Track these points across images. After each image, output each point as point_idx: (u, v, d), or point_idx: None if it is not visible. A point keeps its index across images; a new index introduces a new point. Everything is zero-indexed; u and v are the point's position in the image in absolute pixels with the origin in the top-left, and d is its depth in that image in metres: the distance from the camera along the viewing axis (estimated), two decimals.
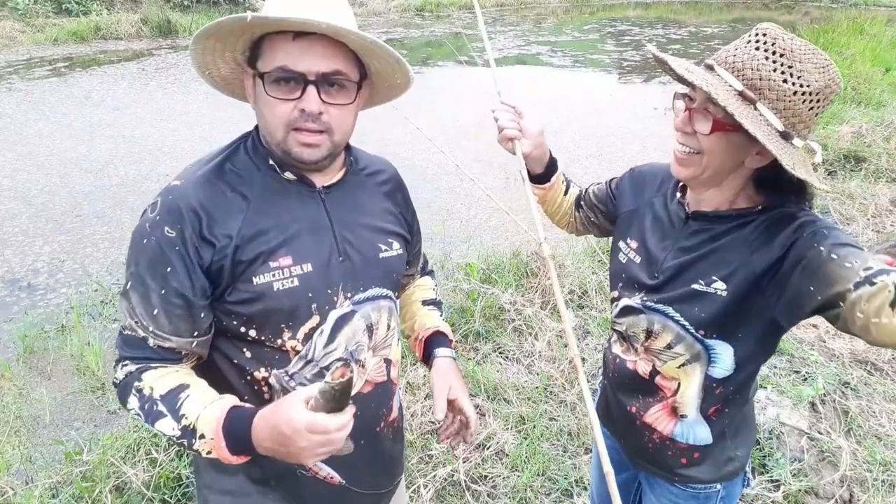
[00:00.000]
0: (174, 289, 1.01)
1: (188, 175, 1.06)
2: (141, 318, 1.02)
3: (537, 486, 2.36)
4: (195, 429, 0.98)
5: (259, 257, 1.04)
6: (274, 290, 1.04)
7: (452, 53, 10.53)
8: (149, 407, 1.01)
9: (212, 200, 1.03)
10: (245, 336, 1.07)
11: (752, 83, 1.00)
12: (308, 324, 1.08)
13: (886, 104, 6.75)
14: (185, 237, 1.01)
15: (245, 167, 1.08)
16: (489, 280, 3.60)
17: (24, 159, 5.97)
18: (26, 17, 11.79)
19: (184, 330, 1.04)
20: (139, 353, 1.04)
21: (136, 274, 1.02)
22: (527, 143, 1.31)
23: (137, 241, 1.03)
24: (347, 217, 1.14)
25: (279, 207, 1.07)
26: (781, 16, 16.42)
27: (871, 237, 4.23)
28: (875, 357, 3.03)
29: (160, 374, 1.04)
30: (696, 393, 1.23)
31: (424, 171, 5.94)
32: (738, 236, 1.12)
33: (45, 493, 2.25)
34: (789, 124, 1.01)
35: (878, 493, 2.30)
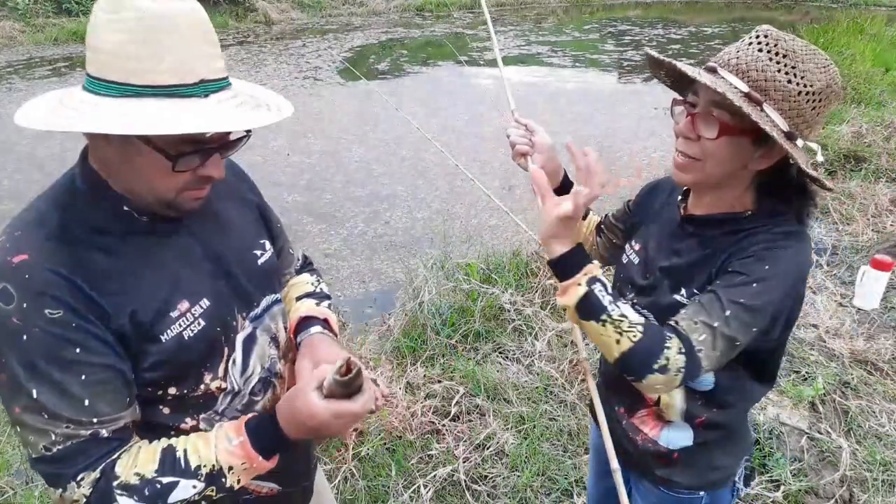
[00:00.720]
0: (97, 366, 0.87)
1: (27, 244, 0.87)
2: (74, 417, 0.86)
3: (537, 486, 2.36)
4: (221, 468, 0.93)
5: (157, 312, 0.93)
6: (186, 340, 0.95)
7: (452, 53, 10.52)
8: (151, 491, 0.89)
9: (77, 266, 0.87)
10: (163, 397, 0.97)
11: (758, 84, 1.00)
12: (223, 358, 1.03)
13: (886, 104, 6.74)
14: (75, 310, 0.85)
15: (94, 218, 0.92)
16: (489, 280, 3.60)
17: (24, 159, 5.97)
18: (26, 17, 11.79)
19: (125, 403, 0.91)
20: (93, 454, 0.88)
21: (35, 378, 0.84)
22: (538, 157, 1.34)
23: (11, 342, 0.83)
24: (214, 237, 1.05)
25: (149, 253, 0.95)
26: (781, 16, 16.42)
27: (871, 237, 4.23)
28: (875, 357, 3.03)
29: (130, 457, 0.91)
30: (680, 403, 1.23)
31: (424, 171, 5.94)
32: (723, 247, 1.12)
33: (44, 493, 2.25)
34: (794, 125, 1.02)
35: (878, 493, 2.30)
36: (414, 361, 3.02)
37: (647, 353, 1.01)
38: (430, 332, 3.17)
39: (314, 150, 6.36)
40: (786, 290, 1.05)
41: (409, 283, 3.65)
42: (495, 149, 6.37)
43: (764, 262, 1.04)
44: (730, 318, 1.02)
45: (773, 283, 1.03)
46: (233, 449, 0.94)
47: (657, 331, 1.03)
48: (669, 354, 1.00)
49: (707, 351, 1.02)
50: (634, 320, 1.03)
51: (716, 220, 1.15)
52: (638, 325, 1.02)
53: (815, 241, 4.20)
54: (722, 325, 1.02)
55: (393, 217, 5.10)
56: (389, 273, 4.26)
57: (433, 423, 2.64)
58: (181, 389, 0.98)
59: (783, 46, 0.99)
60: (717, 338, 1.02)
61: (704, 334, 1.02)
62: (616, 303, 1.03)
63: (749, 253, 1.06)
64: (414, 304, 3.38)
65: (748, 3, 18.66)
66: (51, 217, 0.90)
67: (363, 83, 8.36)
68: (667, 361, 1.00)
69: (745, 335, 1.04)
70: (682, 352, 1.01)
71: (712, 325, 1.02)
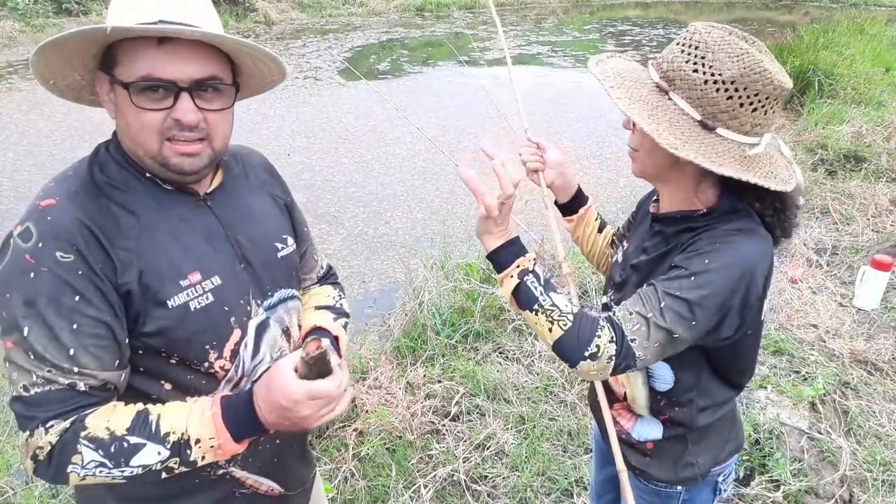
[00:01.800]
0: (91, 318, 0.89)
1: (58, 191, 0.92)
2: (57, 362, 0.87)
3: (537, 486, 2.36)
4: (188, 439, 0.91)
5: (167, 277, 0.95)
6: (191, 311, 0.96)
7: (452, 53, 10.52)
8: (117, 447, 0.89)
9: (99, 216, 0.91)
10: (166, 365, 0.98)
11: (667, 75, 1.06)
12: (232, 339, 1.03)
13: (886, 104, 6.74)
14: (85, 258, 0.88)
15: (122, 179, 0.97)
16: (489, 280, 3.60)
17: (24, 159, 5.97)
18: (26, 17, 11.78)
19: (110, 363, 0.92)
20: (68, 404, 0.89)
21: (31, 316, 0.86)
22: (550, 172, 1.41)
23: (18, 279, 0.86)
24: (238, 222, 1.08)
25: (171, 220, 0.98)
26: (782, 15, 16.42)
27: (871, 237, 4.23)
28: (875, 357, 3.03)
29: (104, 413, 0.91)
30: (643, 400, 1.26)
31: (424, 171, 5.94)
32: (680, 244, 1.14)
33: (44, 492, 2.25)
34: (708, 114, 1.04)
35: (878, 493, 2.30)
36: (414, 361, 3.02)
37: (578, 340, 1.06)
38: (430, 332, 3.17)
39: (314, 149, 6.36)
40: (728, 284, 1.05)
41: (409, 283, 3.65)
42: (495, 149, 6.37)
43: (704, 257, 1.06)
44: (664, 310, 1.05)
45: (710, 276, 1.05)
46: (204, 420, 0.92)
47: (589, 320, 1.08)
48: (600, 343, 1.05)
49: (641, 341, 1.06)
50: (565, 310, 1.08)
51: (673, 217, 1.19)
52: (569, 315, 1.08)
53: (816, 241, 4.20)
54: (656, 316, 1.05)
55: (393, 217, 5.10)
56: (389, 273, 4.26)
57: (433, 423, 2.64)
58: (184, 361, 0.99)
59: (696, 38, 1.04)
60: (650, 329, 1.05)
61: (638, 325, 1.06)
62: (548, 293, 1.09)
63: (693, 249, 1.09)
64: (414, 304, 3.38)
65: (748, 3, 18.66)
66: (82, 174, 0.96)
67: (363, 83, 8.35)
68: (597, 349, 1.05)
69: (684, 329, 1.05)
70: (612, 341, 1.06)
71: (646, 315, 1.06)
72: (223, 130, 0.99)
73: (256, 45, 0.95)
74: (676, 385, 1.22)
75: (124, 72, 0.90)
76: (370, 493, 2.33)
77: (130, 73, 0.90)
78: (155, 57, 0.89)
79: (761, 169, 1.05)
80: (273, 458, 1.15)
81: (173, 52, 0.89)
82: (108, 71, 0.93)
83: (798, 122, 6.60)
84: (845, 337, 3.19)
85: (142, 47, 0.89)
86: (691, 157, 1.01)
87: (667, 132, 1.03)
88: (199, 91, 0.93)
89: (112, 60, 0.92)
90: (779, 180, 1.05)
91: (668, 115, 1.05)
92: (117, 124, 0.97)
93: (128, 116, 0.92)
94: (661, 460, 1.31)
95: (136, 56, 0.89)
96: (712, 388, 1.23)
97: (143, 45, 0.89)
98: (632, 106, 1.06)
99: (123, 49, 0.90)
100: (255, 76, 1.05)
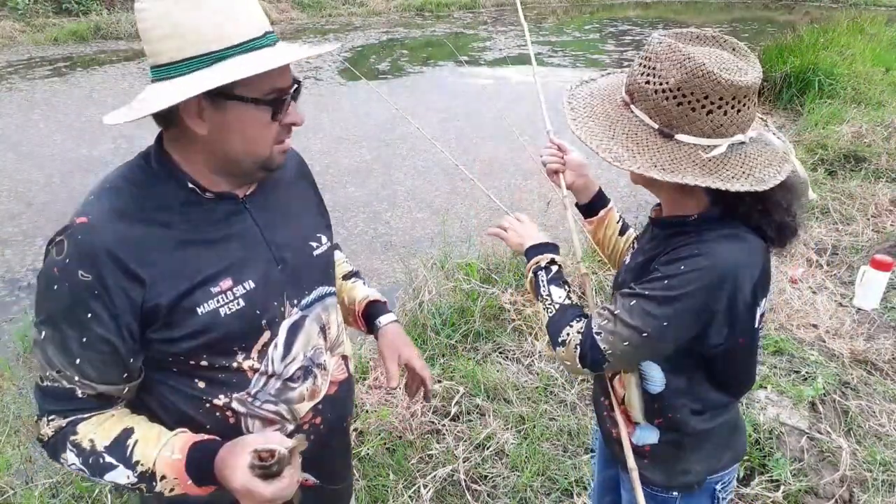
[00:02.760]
0: (98, 335, 0.94)
1: (94, 210, 0.96)
2: (63, 368, 0.95)
3: (537, 486, 2.36)
4: (154, 473, 0.96)
5: (197, 285, 0.98)
6: (221, 317, 1.00)
7: (453, 53, 10.52)
8: (94, 461, 0.96)
9: (129, 234, 0.94)
10: (196, 367, 1.02)
11: (628, 89, 1.10)
12: (261, 340, 1.06)
13: (886, 104, 6.74)
14: (104, 280, 0.92)
15: (159, 192, 0.99)
16: (489, 280, 3.60)
17: (24, 159, 5.97)
18: (26, 17, 11.79)
19: (113, 376, 0.98)
20: (67, 405, 0.97)
21: (49, 322, 0.95)
22: (569, 174, 1.46)
23: (46, 287, 0.94)
24: (274, 222, 1.11)
25: (207, 229, 1.02)
26: (782, 15, 16.41)
27: (871, 237, 4.23)
28: (875, 357, 3.03)
29: (96, 422, 0.98)
30: (638, 404, 1.26)
31: (425, 171, 5.94)
32: (665, 251, 1.15)
33: (44, 492, 2.25)
34: (664, 122, 1.05)
35: (878, 493, 2.30)
36: None
37: (556, 326, 1.21)
38: (430, 332, 3.17)
39: (314, 149, 6.35)
40: (704, 289, 1.06)
41: (409, 283, 3.65)
42: (495, 149, 6.38)
43: (680, 263, 1.08)
44: (633, 308, 1.10)
45: (682, 279, 1.06)
46: (171, 462, 0.97)
47: (572, 311, 1.22)
48: (570, 331, 1.18)
49: (606, 335, 1.13)
50: (556, 300, 1.24)
51: (666, 222, 1.20)
52: (556, 304, 1.24)
53: (816, 241, 4.20)
54: (623, 312, 1.11)
55: (393, 217, 5.10)
56: (389, 273, 4.26)
57: (433, 423, 2.64)
58: (212, 363, 1.03)
59: (650, 51, 1.06)
60: (616, 324, 1.12)
61: (606, 320, 1.14)
62: (550, 285, 1.26)
63: (674, 254, 1.10)
64: (414, 304, 3.38)
65: (748, 3, 18.65)
66: (121, 190, 0.98)
67: (363, 83, 8.35)
68: (567, 336, 1.18)
69: (655, 329, 1.08)
70: (580, 332, 1.17)
71: (614, 312, 1.13)
72: None
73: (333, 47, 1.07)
74: (667, 388, 1.22)
75: (248, 89, 0.94)
76: (370, 493, 2.33)
77: (258, 88, 0.95)
78: (274, 72, 0.95)
79: (728, 170, 1.03)
80: (308, 455, 1.14)
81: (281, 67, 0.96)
82: (221, 91, 0.91)
83: (798, 122, 6.59)
84: (845, 337, 3.19)
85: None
86: (634, 167, 1.05)
87: (617, 145, 1.06)
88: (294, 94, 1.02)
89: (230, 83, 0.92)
90: (752, 179, 1.03)
91: (628, 127, 1.08)
92: (212, 138, 0.97)
93: (247, 129, 0.97)
94: (656, 464, 1.31)
95: (260, 74, 0.92)
96: (705, 393, 1.23)
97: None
98: (587, 124, 1.11)
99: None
100: None
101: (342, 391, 1.22)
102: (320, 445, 1.18)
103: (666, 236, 1.18)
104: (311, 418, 1.15)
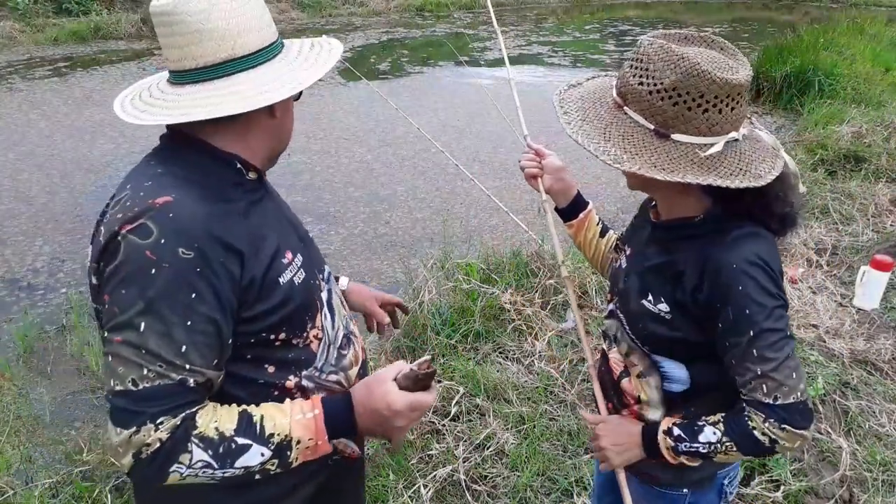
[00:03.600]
0: (203, 316, 0.90)
1: (171, 189, 0.93)
2: (169, 360, 0.88)
3: (537, 486, 2.36)
4: (290, 440, 0.96)
5: (276, 256, 1.02)
6: (296, 286, 1.05)
7: (453, 53, 10.52)
8: (225, 448, 0.91)
9: (214, 210, 0.94)
10: (272, 345, 1.03)
11: (621, 91, 1.10)
12: (319, 310, 1.12)
13: (886, 104, 6.74)
14: (206, 256, 0.90)
15: (213, 172, 1.01)
16: (489, 280, 3.60)
17: (25, 159, 5.97)
18: (26, 17, 11.78)
19: (214, 361, 0.94)
20: (179, 399, 0.90)
21: (149, 311, 0.87)
22: (548, 178, 1.48)
23: (139, 273, 0.87)
24: (281, 204, 1.19)
25: (258, 206, 1.06)
26: (782, 15, 16.41)
27: (871, 237, 4.23)
28: (875, 357, 3.03)
29: (210, 413, 0.94)
30: (659, 406, 1.26)
31: (425, 171, 5.94)
32: (684, 255, 1.15)
33: (45, 493, 2.25)
34: (660, 123, 1.05)
35: (878, 493, 2.30)
36: (414, 361, 3.01)
37: (748, 445, 1.11)
38: (430, 332, 3.17)
39: (314, 150, 6.35)
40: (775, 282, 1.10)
41: (409, 283, 3.65)
42: (495, 149, 6.38)
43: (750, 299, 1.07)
44: (770, 348, 1.07)
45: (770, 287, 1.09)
46: (306, 421, 0.97)
47: (732, 427, 1.13)
48: (757, 433, 1.09)
49: (788, 391, 1.07)
50: (714, 439, 1.14)
51: (672, 226, 1.20)
52: (725, 440, 1.13)
53: (816, 241, 4.20)
54: (772, 366, 1.07)
55: (393, 217, 5.09)
56: (389, 273, 4.26)
57: (433, 423, 2.64)
58: (290, 336, 1.05)
59: (641, 52, 1.07)
60: (781, 372, 1.07)
61: (775, 387, 1.07)
62: (698, 441, 1.15)
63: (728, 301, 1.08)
64: (414, 304, 3.37)
65: (748, 3, 18.65)
66: (176, 173, 0.97)
67: (363, 83, 8.35)
68: (764, 437, 1.09)
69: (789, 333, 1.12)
70: (765, 420, 1.08)
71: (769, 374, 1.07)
72: None
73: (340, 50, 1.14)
74: (693, 386, 1.21)
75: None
76: (370, 493, 2.33)
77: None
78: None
79: (726, 168, 1.04)
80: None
81: None
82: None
83: (798, 122, 6.60)
84: (845, 337, 3.19)
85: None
86: (635, 168, 1.04)
87: (614, 147, 1.06)
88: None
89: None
90: (750, 176, 1.04)
91: (622, 129, 1.08)
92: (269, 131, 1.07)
93: (287, 121, 1.10)
94: (668, 463, 1.30)
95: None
96: (728, 388, 1.21)
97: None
98: (583, 127, 1.10)
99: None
100: None
101: (364, 364, 1.28)
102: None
103: (672, 239, 1.19)
104: (356, 384, 1.18)
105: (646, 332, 1.21)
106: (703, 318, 1.12)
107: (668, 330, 1.17)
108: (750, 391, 1.09)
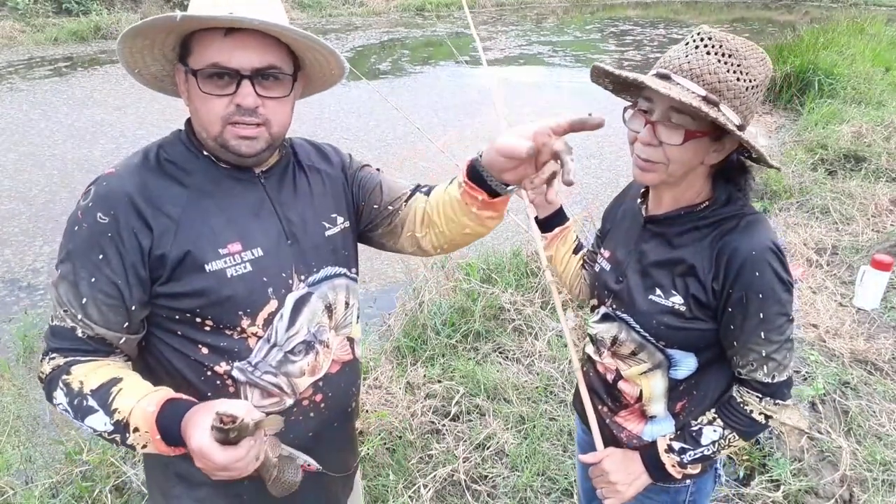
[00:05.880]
0: (106, 277, 0.99)
1: (122, 164, 1.06)
2: (69, 306, 1.00)
3: (537, 485, 2.36)
4: (128, 423, 0.95)
5: (207, 244, 1.03)
6: (228, 277, 1.03)
7: (452, 53, 10.52)
8: (78, 402, 0.98)
9: (147, 187, 1.02)
10: (201, 327, 1.05)
11: (713, 87, 1.06)
12: (266, 309, 1.08)
13: (886, 104, 6.74)
14: (118, 223, 0.99)
15: (181, 157, 1.07)
16: (489, 280, 3.60)
17: (25, 159, 5.97)
18: (26, 17, 11.79)
19: (114, 322, 1.01)
20: (67, 344, 1.01)
21: (67, 261, 1.01)
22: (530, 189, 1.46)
23: (69, 228, 1.02)
24: (288, 199, 1.14)
25: (220, 193, 1.07)
26: (782, 15, 16.41)
27: (871, 237, 4.23)
28: (875, 357, 3.03)
29: (91, 367, 1.01)
30: (661, 396, 1.27)
31: (425, 171, 5.94)
32: (692, 247, 1.16)
33: (45, 492, 2.25)
34: (744, 117, 1.09)
35: (878, 493, 2.30)
36: (414, 361, 3.02)
37: (747, 428, 1.20)
38: (430, 332, 3.17)
39: None
40: (783, 262, 1.12)
41: (409, 283, 3.65)
42: None
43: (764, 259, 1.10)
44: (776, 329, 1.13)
45: (780, 269, 1.11)
46: (145, 415, 0.95)
47: (737, 413, 1.19)
48: (755, 413, 1.18)
49: (782, 368, 1.15)
50: (717, 437, 1.20)
51: (677, 216, 1.20)
52: (727, 432, 1.19)
53: (816, 241, 4.20)
54: (772, 347, 1.14)
55: None
56: (389, 273, 4.26)
57: (433, 422, 2.64)
58: (217, 324, 1.05)
59: (727, 47, 1.06)
60: (781, 352, 1.15)
61: (772, 364, 1.15)
62: (700, 444, 1.21)
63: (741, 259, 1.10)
64: (414, 304, 3.38)
65: (748, 3, 18.65)
66: (150, 152, 1.08)
67: (363, 83, 8.35)
68: (761, 416, 1.18)
69: (791, 318, 1.16)
70: (759, 396, 1.17)
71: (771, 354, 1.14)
72: (281, 117, 1.06)
73: (313, 36, 1.02)
74: (699, 370, 1.22)
75: (195, 60, 1.00)
76: (370, 492, 2.33)
77: (199, 61, 0.99)
78: (222, 47, 0.97)
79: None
80: (308, 433, 1.16)
81: (238, 43, 0.98)
82: (183, 61, 1.03)
83: (798, 122, 6.60)
84: (845, 337, 3.19)
85: (210, 38, 0.98)
86: (770, 160, 1.12)
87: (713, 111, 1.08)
88: (259, 79, 1.01)
89: (187, 51, 1.02)
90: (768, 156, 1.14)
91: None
92: (189, 110, 1.06)
93: (196, 102, 1.02)
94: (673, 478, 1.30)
95: (205, 46, 0.99)
96: (725, 371, 1.24)
97: (212, 36, 0.98)
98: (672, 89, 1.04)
99: (196, 40, 1.00)
100: (316, 69, 1.13)
101: (346, 372, 1.22)
102: (321, 424, 1.18)
103: (675, 233, 1.19)
104: (312, 395, 1.15)
105: (661, 327, 1.19)
106: (716, 304, 1.14)
107: (683, 321, 1.17)
108: (750, 371, 1.15)
